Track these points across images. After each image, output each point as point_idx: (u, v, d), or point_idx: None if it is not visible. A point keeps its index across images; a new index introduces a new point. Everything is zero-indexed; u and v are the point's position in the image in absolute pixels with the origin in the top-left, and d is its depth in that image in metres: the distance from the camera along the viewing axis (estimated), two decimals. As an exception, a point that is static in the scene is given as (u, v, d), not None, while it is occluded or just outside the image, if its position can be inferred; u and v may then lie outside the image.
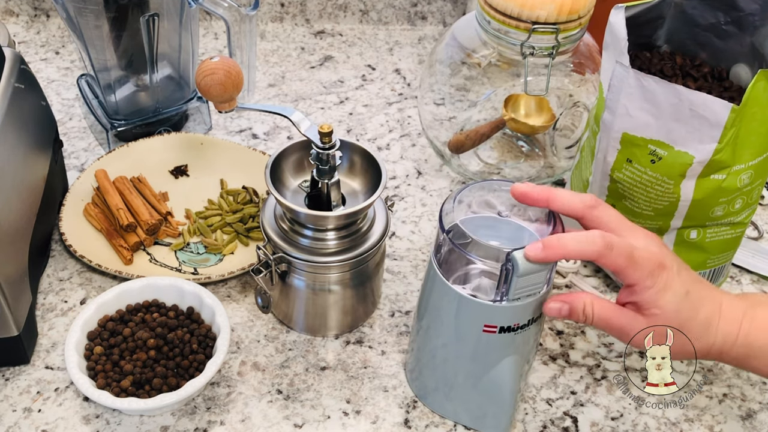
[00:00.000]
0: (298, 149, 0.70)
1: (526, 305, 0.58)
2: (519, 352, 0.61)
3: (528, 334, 0.60)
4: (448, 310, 0.60)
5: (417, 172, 0.91)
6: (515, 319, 0.59)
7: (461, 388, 0.64)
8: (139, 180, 0.84)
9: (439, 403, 0.67)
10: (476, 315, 0.59)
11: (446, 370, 0.64)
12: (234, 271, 0.75)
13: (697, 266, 0.71)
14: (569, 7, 0.73)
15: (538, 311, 0.59)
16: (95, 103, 0.90)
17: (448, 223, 0.58)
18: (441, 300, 0.61)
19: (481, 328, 0.59)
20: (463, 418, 0.66)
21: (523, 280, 0.55)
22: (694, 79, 0.70)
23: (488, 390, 0.63)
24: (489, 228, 0.58)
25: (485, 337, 0.59)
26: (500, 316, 0.58)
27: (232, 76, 0.64)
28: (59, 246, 0.79)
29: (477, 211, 0.59)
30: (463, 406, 0.65)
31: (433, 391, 0.67)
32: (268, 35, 1.12)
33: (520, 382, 0.64)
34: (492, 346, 0.60)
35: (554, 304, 0.58)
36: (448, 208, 0.59)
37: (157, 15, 0.82)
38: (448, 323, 0.61)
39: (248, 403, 0.67)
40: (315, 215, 0.65)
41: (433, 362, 0.65)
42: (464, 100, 0.86)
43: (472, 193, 0.60)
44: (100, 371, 0.65)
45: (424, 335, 0.64)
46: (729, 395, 0.70)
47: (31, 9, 1.09)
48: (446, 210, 0.59)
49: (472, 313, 0.59)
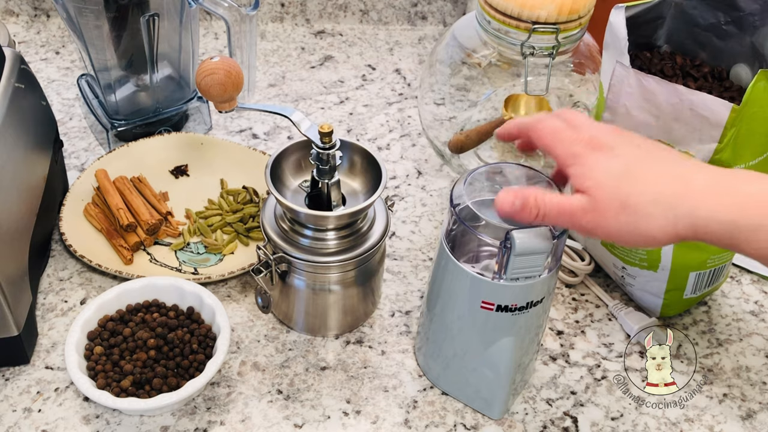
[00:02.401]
0: (298, 149, 0.70)
1: (525, 287, 0.59)
2: (518, 335, 0.62)
3: (528, 318, 0.61)
4: (453, 287, 0.62)
5: (417, 172, 0.91)
6: (513, 299, 0.60)
7: (463, 366, 0.66)
8: (140, 180, 0.84)
9: (445, 381, 0.68)
10: (476, 291, 0.60)
11: (448, 347, 0.66)
12: (234, 271, 0.75)
13: (697, 266, 0.71)
14: (569, 7, 0.73)
15: (540, 295, 0.60)
16: (95, 103, 0.90)
17: (458, 204, 0.60)
18: (447, 277, 0.63)
19: (480, 304, 0.61)
20: (462, 396, 0.68)
21: (521, 260, 0.57)
22: (694, 79, 0.70)
23: (486, 369, 0.64)
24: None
25: (484, 314, 0.61)
26: (498, 294, 0.60)
27: (232, 76, 0.64)
28: (59, 246, 0.79)
29: (486, 193, 0.61)
30: (464, 385, 0.67)
31: (440, 369, 0.68)
32: (268, 35, 1.12)
33: (517, 369, 0.65)
34: (491, 325, 0.62)
35: (507, 196, 0.56)
36: (459, 190, 0.60)
37: (157, 15, 0.82)
38: (452, 299, 0.63)
39: (248, 403, 0.67)
40: (315, 215, 0.66)
41: (438, 339, 0.66)
42: (464, 100, 0.86)
43: (482, 175, 0.62)
44: (100, 371, 0.65)
45: (431, 314, 0.66)
46: (729, 395, 0.70)
47: (31, 9, 1.09)
48: (457, 192, 0.60)
49: (472, 289, 0.61)
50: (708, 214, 0.51)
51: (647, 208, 0.52)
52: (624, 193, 0.53)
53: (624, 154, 0.54)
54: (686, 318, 0.76)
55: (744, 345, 0.74)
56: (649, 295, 0.74)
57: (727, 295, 0.79)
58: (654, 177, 0.53)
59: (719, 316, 0.77)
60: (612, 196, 0.53)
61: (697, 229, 0.52)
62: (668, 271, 0.72)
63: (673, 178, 0.53)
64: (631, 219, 0.52)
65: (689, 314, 0.77)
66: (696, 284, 0.73)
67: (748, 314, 0.77)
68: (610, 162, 0.53)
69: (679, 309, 0.75)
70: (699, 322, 0.76)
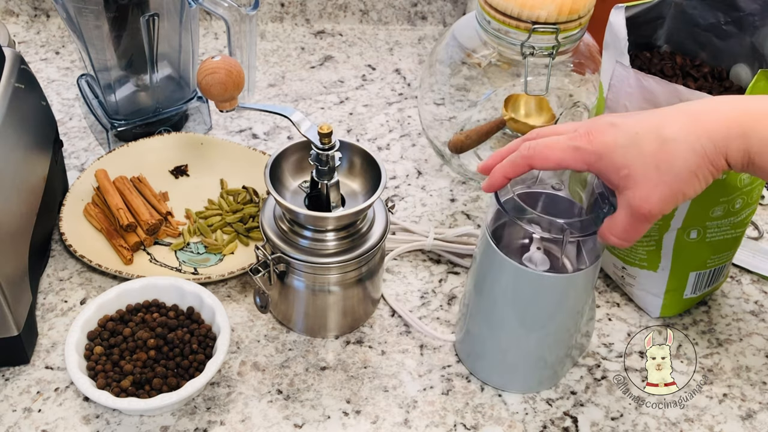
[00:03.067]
0: (298, 149, 0.70)
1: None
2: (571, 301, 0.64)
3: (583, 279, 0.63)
4: (500, 280, 0.63)
5: (417, 172, 0.91)
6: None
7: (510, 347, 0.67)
8: (139, 180, 0.84)
9: (488, 371, 0.70)
10: (527, 284, 0.62)
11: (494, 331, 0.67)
12: (234, 271, 0.75)
13: (697, 266, 0.71)
14: (569, 7, 0.73)
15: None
16: (95, 103, 0.90)
17: (504, 197, 0.61)
18: (493, 269, 0.63)
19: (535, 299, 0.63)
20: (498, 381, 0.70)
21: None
22: (694, 79, 0.70)
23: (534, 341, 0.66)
24: (542, 201, 0.63)
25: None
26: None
27: (233, 76, 0.64)
28: (59, 246, 0.79)
29: (530, 186, 0.63)
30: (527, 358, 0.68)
31: (482, 359, 0.69)
32: (268, 35, 1.12)
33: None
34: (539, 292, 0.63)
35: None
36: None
37: (157, 15, 0.82)
38: (502, 292, 0.64)
39: (248, 403, 0.67)
40: (314, 216, 0.65)
41: (482, 327, 0.68)
42: (464, 100, 0.86)
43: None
44: (100, 371, 0.65)
45: (477, 307, 0.67)
46: (729, 395, 0.70)
47: (31, 9, 1.09)
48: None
49: (524, 282, 0.62)
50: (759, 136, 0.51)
51: (679, 151, 0.52)
52: (647, 155, 0.53)
53: (626, 124, 0.55)
54: (686, 318, 0.76)
55: (744, 345, 0.74)
56: (649, 295, 0.74)
57: (727, 295, 0.79)
58: (667, 122, 0.54)
59: (719, 316, 0.77)
60: (645, 164, 0.53)
61: (751, 154, 0.52)
62: (668, 271, 0.72)
63: (684, 113, 0.54)
64: (669, 173, 0.53)
65: (689, 314, 0.77)
66: (696, 284, 0.73)
67: (748, 314, 0.77)
68: (620, 136, 0.54)
69: (679, 309, 0.75)
70: (699, 322, 0.76)
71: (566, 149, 0.56)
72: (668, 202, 0.54)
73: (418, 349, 0.72)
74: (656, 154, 0.53)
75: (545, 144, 0.57)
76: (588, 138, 0.55)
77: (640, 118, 0.55)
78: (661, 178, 0.53)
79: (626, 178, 0.54)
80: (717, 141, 0.52)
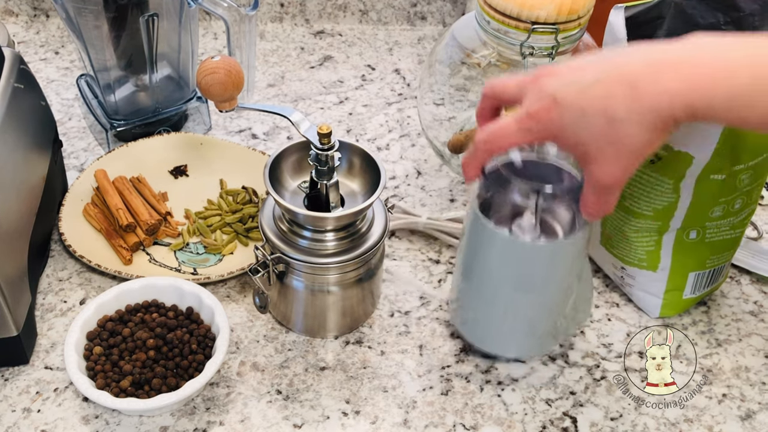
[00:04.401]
0: (297, 150, 0.70)
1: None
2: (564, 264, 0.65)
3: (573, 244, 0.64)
4: (488, 251, 0.64)
5: (417, 172, 0.91)
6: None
7: (500, 313, 0.68)
8: (139, 180, 0.84)
9: (480, 335, 0.70)
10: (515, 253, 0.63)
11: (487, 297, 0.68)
12: (233, 272, 0.75)
13: (697, 266, 0.71)
14: (569, 7, 0.73)
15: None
16: (95, 103, 0.90)
17: (489, 168, 0.62)
18: (483, 239, 0.64)
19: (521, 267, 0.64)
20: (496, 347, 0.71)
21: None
22: (694, 79, 0.70)
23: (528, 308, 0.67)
24: (528, 170, 0.63)
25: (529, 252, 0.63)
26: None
27: (232, 76, 0.64)
28: (59, 246, 0.79)
29: (515, 156, 0.64)
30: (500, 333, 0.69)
31: (474, 324, 0.70)
32: (268, 35, 1.12)
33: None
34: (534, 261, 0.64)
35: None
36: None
37: (157, 15, 0.82)
38: (489, 262, 0.65)
39: (247, 404, 0.67)
40: (314, 216, 0.65)
41: (474, 292, 0.68)
42: (464, 100, 0.86)
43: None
44: (99, 371, 0.65)
45: (468, 274, 0.68)
46: (729, 395, 0.70)
47: (31, 9, 1.09)
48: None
49: (512, 252, 0.63)
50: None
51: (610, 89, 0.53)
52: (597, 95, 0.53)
53: (569, 98, 0.55)
54: (686, 318, 0.76)
55: (743, 345, 0.74)
56: (648, 296, 0.74)
57: (726, 295, 0.79)
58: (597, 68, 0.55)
59: (719, 317, 0.77)
60: (598, 141, 0.54)
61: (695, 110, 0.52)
62: (668, 271, 0.72)
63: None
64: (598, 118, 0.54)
65: (689, 314, 0.77)
66: (695, 284, 0.73)
67: (748, 314, 0.77)
68: (566, 114, 0.55)
69: (678, 309, 0.75)
70: (698, 322, 0.76)
71: (517, 133, 0.57)
72: (629, 170, 0.56)
73: (418, 350, 0.72)
74: (607, 133, 0.54)
75: (496, 133, 0.58)
76: (535, 119, 0.56)
77: (581, 88, 0.55)
78: (617, 153, 0.54)
79: (585, 155, 0.56)
80: (663, 115, 0.53)
